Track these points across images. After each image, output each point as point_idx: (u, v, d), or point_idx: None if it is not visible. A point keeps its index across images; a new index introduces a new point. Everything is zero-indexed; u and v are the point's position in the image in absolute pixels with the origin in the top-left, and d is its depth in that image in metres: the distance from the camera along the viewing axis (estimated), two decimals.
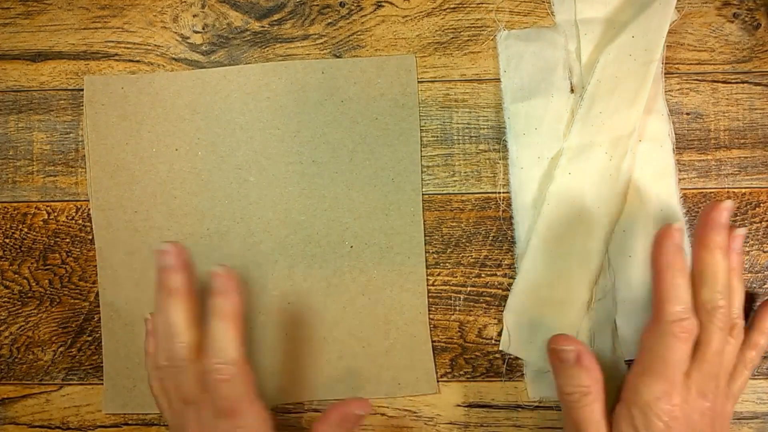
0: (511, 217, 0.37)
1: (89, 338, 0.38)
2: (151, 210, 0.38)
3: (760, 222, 0.37)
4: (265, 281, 0.37)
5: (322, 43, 0.38)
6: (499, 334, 0.37)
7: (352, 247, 0.37)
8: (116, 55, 0.38)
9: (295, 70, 0.38)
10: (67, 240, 0.38)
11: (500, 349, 0.37)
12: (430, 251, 0.37)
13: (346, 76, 0.38)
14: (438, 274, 0.37)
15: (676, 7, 0.36)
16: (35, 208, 0.38)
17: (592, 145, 0.36)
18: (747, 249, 0.37)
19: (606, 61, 0.36)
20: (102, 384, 0.38)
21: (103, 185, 0.38)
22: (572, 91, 0.37)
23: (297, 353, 0.37)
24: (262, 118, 0.38)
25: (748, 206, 0.37)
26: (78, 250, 0.38)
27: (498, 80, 0.37)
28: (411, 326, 0.37)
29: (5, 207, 0.38)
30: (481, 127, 0.38)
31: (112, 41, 0.39)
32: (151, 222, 0.38)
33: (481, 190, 0.38)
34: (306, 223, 0.37)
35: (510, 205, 0.37)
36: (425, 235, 0.37)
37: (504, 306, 0.37)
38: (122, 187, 0.38)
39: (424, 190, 0.38)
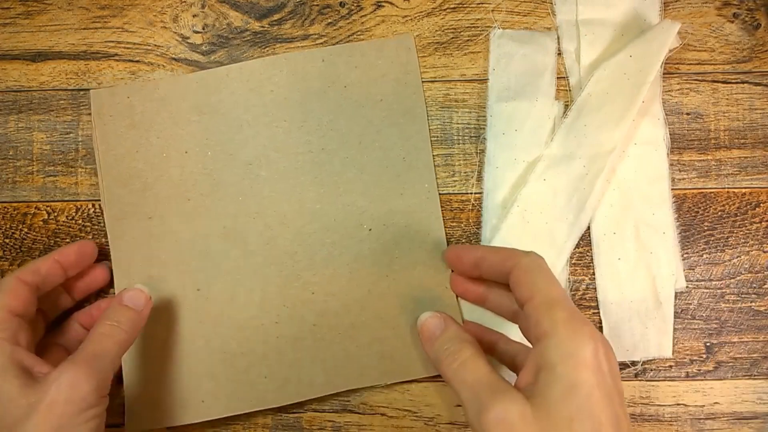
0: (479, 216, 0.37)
1: None
2: (165, 215, 0.37)
3: (760, 222, 0.37)
4: (286, 273, 0.37)
5: (322, 43, 0.38)
6: None
7: (370, 230, 0.37)
8: (116, 55, 0.38)
9: (296, 61, 0.38)
10: (67, 240, 0.38)
11: None
12: None
13: (347, 61, 0.38)
14: None
15: (678, 31, 0.36)
16: (35, 208, 0.38)
17: (571, 156, 0.36)
18: (747, 249, 0.37)
19: (600, 77, 0.36)
20: None
21: (116, 194, 0.37)
22: (558, 96, 0.37)
23: (326, 343, 0.36)
24: (268, 112, 0.38)
25: (748, 206, 0.37)
26: None
27: None
28: (439, 302, 0.36)
29: (5, 207, 0.38)
30: (481, 127, 0.38)
31: (112, 41, 0.39)
32: (167, 227, 0.37)
33: (481, 190, 0.38)
34: (321, 211, 0.37)
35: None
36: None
37: None
38: (135, 195, 0.37)
39: None
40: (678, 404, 0.37)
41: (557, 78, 0.37)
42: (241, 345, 0.36)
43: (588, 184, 0.35)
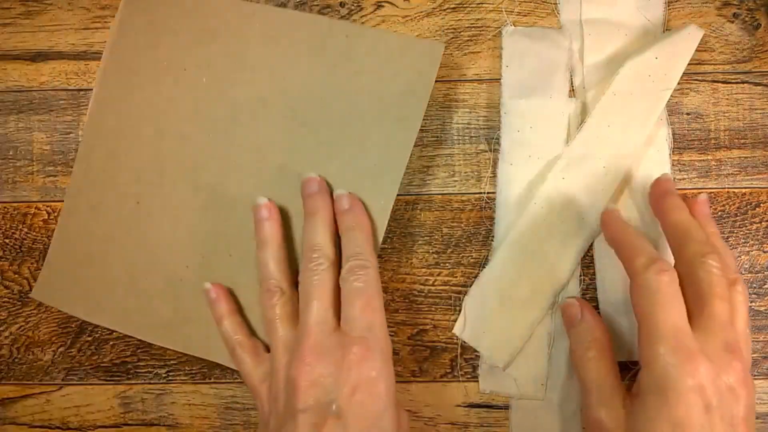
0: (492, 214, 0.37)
1: (89, 338, 0.38)
2: (141, 119, 0.37)
3: (760, 222, 0.37)
4: (218, 226, 0.36)
5: None
6: None
7: None
8: None
9: (321, 27, 0.36)
10: None
11: (453, 332, 0.37)
12: (430, 251, 0.37)
13: (369, 46, 0.35)
14: (438, 274, 0.37)
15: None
16: (35, 208, 0.38)
17: (592, 156, 0.36)
18: (747, 249, 0.37)
19: (625, 76, 0.35)
20: (102, 384, 0.38)
21: (110, 78, 0.38)
22: (572, 94, 0.37)
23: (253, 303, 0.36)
24: (273, 65, 0.36)
25: (748, 206, 0.37)
26: None
27: (498, 80, 0.37)
28: None
29: (5, 207, 0.38)
30: (481, 127, 0.38)
31: None
32: (138, 131, 0.37)
33: (481, 191, 0.38)
34: (275, 182, 0.36)
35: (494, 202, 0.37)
36: (425, 235, 0.37)
37: None
38: (126, 89, 0.38)
39: (424, 190, 0.38)
40: None
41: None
42: (146, 270, 0.37)
43: (607, 186, 0.35)
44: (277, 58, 0.36)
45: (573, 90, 0.37)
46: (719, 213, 0.37)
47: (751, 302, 0.37)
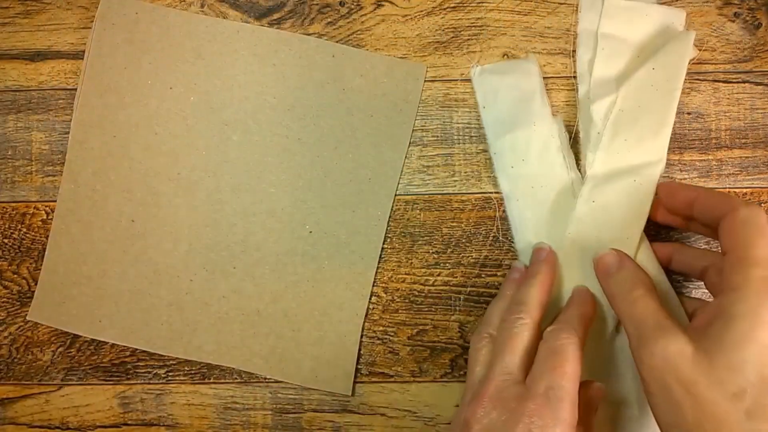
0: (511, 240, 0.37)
1: (88, 338, 0.38)
2: (129, 139, 0.38)
3: None
4: (218, 240, 0.37)
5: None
6: None
7: (311, 232, 0.37)
8: None
9: (308, 46, 0.38)
10: None
11: None
12: (431, 251, 0.37)
13: (355, 66, 0.37)
14: (438, 275, 0.37)
15: (694, 43, 0.36)
16: (34, 208, 0.38)
17: (618, 172, 0.35)
18: None
19: (627, 93, 0.35)
20: (102, 384, 0.38)
21: (90, 101, 0.38)
22: (554, 113, 0.37)
23: (227, 318, 0.37)
24: (263, 82, 0.38)
25: None
26: None
27: None
28: (345, 325, 0.37)
29: (4, 207, 0.38)
30: (481, 127, 0.38)
31: None
32: (127, 151, 0.38)
33: (481, 190, 0.37)
34: (274, 196, 0.37)
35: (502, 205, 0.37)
36: (425, 235, 0.37)
37: None
38: (109, 109, 0.38)
39: (423, 190, 0.37)
40: None
41: (562, 85, 0.37)
42: (151, 286, 0.37)
43: (643, 195, 0.35)
44: (266, 76, 0.38)
45: (576, 96, 0.37)
46: None
47: None
